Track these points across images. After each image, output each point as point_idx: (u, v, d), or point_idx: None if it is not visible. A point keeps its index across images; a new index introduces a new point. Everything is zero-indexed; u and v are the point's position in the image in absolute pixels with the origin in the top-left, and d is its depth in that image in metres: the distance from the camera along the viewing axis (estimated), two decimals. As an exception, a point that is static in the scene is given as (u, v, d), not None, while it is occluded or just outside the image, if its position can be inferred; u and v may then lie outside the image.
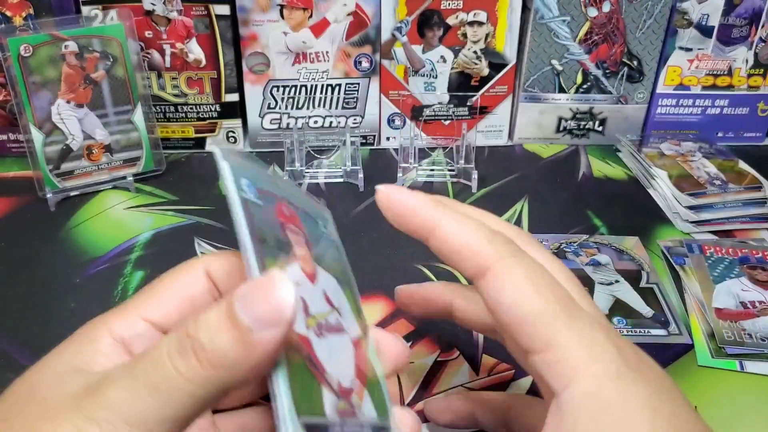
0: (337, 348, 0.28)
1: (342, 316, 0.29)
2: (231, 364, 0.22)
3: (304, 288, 0.27)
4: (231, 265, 0.29)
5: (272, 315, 0.22)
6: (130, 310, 0.28)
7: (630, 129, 0.77)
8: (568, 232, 0.61)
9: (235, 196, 0.25)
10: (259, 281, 0.23)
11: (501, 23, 0.70)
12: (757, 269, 0.55)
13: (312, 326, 0.27)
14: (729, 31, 0.71)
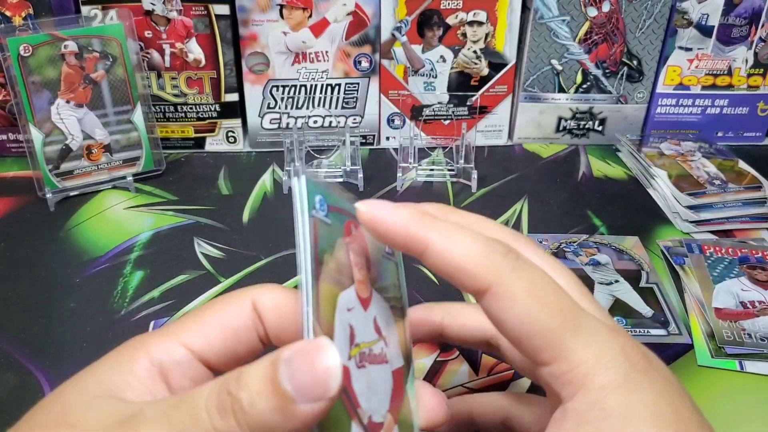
0: (375, 380, 0.28)
1: (388, 345, 0.29)
2: (268, 430, 0.22)
3: (356, 314, 0.28)
4: (280, 300, 0.28)
5: (317, 388, 0.22)
6: (170, 334, 0.27)
7: (630, 129, 0.77)
8: (567, 231, 0.61)
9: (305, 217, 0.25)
10: (307, 348, 0.23)
11: (501, 23, 0.70)
12: (756, 269, 0.55)
13: (354, 356, 0.27)
14: (729, 31, 0.71)
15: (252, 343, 0.28)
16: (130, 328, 0.49)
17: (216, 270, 0.55)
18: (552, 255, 0.32)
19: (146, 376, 0.26)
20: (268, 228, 0.61)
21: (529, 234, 0.60)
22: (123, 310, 0.51)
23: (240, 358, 0.28)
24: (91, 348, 0.47)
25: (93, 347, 0.47)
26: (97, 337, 0.48)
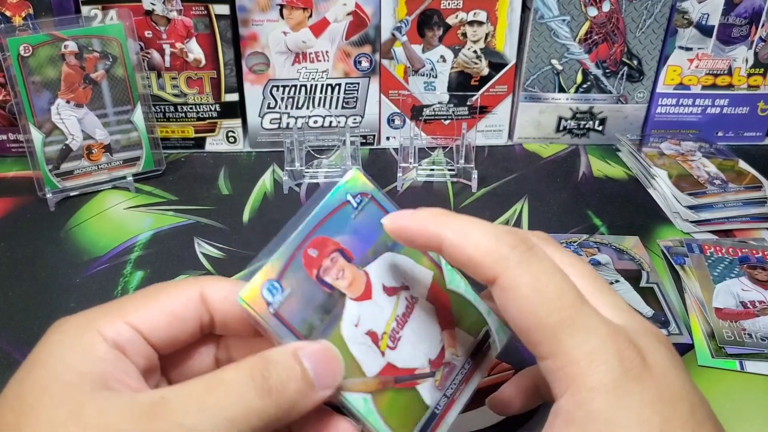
0: (418, 330, 0.33)
1: (410, 283, 0.34)
2: (292, 407, 0.27)
3: (365, 317, 0.32)
4: (229, 291, 0.30)
5: (330, 379, 0.28)
6: (117, 314, 0.29)
7: (630, 128, 0.77)
8: (568, 231, 0.61)
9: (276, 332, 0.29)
10: (324, 348, 0.29)
11: (501, 23, 0.70)
12: (757, 269, 0.55)
13: (386, 346, 0.32)
14: (729, 31, 0.71)
15: (193, 330, 0.30)
16: (131, 328, 0.49)
17: (216, 270, 0.55)
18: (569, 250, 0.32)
19: (113, 358, 0.27)
20: (268, 228, 0.61)
21: (529, 234, 0.60)
22: (123, 310, 0.51)
23: (179, 342, 0.30)
24: (92, 348, 0.47)
25: (93, 347, 0.47)
26: (97, 337, 0.48)
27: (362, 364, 0.31)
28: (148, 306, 0.29)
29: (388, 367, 0.32)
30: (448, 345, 0.34)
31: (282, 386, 0.27)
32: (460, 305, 0.35)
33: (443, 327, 0.34)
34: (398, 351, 0.32)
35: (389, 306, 0.33)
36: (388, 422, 0.31)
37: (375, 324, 0.32)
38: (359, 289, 0.33)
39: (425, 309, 0.34)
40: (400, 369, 0.32)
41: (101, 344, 0.27)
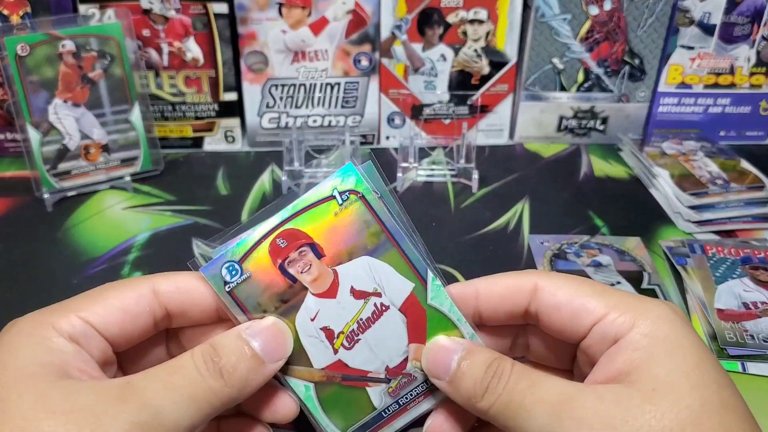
0: (380, 336, 0.34)
1: (385, 289, 0.34)
2: (246, 384, 0.30)
3: (324, 314, 0.33)
4: (181, 284, 0.33)
5: (280, 352, 0.32)
6: (70, 310, 0.30)
7: (631, 128, 0.76)
8: (569, 232, 0.60)
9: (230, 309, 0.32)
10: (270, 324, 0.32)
11: (501, 21, 0.70)
12: (759, 269, 0.54)
13: (340, 345, 0.34)
14: (731, 30, 0.71)
15: (146, 324, 0.32)
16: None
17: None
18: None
19: (72, 350, 0.29)
20: (267, 228, 0.61)
21: (530, 235, 0.60)
22: (121, 312, 0.50)
23: (134, 337, 0.32)
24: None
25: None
26: (94, 339, 0.48)
27: (311, 355, 0.34)
28: (99, 302, 0.31)
29: (338, 364, 0.34)
30: (413, 357, 0.34)
31: (232, 367, 0.30)
32: (437, 323, 0.34)
33: (411, 339, 0.34)
34: (353, 352, 0.34)
35: (353, 308, 0.34)
36: (327, 412, 0.34)
37: (333, 322, 0.34)
38: (323, 286, 0.33)
39: (394, 318, 0.34)
40: (351, 368, 0.34)
41: (57, 337, 0.29)
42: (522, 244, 0.59)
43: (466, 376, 0.31)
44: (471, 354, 0.32)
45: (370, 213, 0.33)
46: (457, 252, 0.58)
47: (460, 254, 0.57)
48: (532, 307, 0.33)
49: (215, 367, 0.29)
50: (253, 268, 0.32)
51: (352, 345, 0.34)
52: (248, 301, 0.33)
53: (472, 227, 0.61)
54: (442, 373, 0.32)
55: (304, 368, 0.34)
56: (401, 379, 0.34)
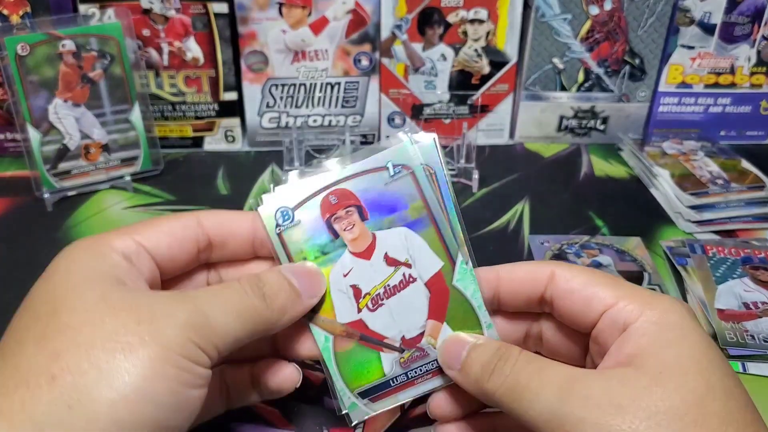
0: (402, 305, 0.36)
1: (416, 261, 0.36)
2: (284, 312, 0.34)
3: (356, 272, 0.36)
4: (224, 219, 0.36)
5: (315, 289, 0.35)
6: (124, 232, 0.34)
7: (632, 128, 0.76)
8: (569, 233, 0.60)
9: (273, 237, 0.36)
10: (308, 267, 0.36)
11: (502, 21, 0.70)
12: (759, 269, 0.54)
13: (365, 305, 0.36)
14: (731, 29, 0.71)
15: (190, 250, 0.35)
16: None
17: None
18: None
19: (126, 265, 0.32)
20: (268, 228, 0.60)
21: (530, 235, 0.60)
22: (121, 312, 0.50)
23: (178, 263, 0.35)
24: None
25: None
26: (94, 339, 0.48)
27: (336, 309, 0.36)
28: (150, 228, 0.34)
29: (359, 323, 0.36)
30: (429, 333, 0.36)
31: (274, 294, 0.33)
32: (458, 304, 0.36)
33: (431, 315, 0.37)
34: (375, 315, 0.36)
35: (384, 273, 0.36)
36: (340, 367, 0.36)
37: (363, 282, 0.36)
38: (361, 246, 0.36)
39: (419, 292, 0.37)
40: (370, 330, 0.36)
41: (113, 253, 0.32)
42: (522, 245, 0.59)
43: (475, 361, 0.33)
44: (481, 344, 0.34)
45: (416, 188, 0.36)
46: (458, 252, 0.58)
47: (460, 254, 0.57)
48: (548, 292, 0.34)
49: (259, 291, 0.33)
50: (303, 217, 0.36)
51: (375, 308, 0.36)
52: (293, 245, 0.36)
53: (472, 227, 0.61)
54: (454, 363, 0.34)
55: (327, 319, 0.36)
56: (414, 352, 0.36)
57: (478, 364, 0.33)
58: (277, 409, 0.42)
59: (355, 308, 0.36)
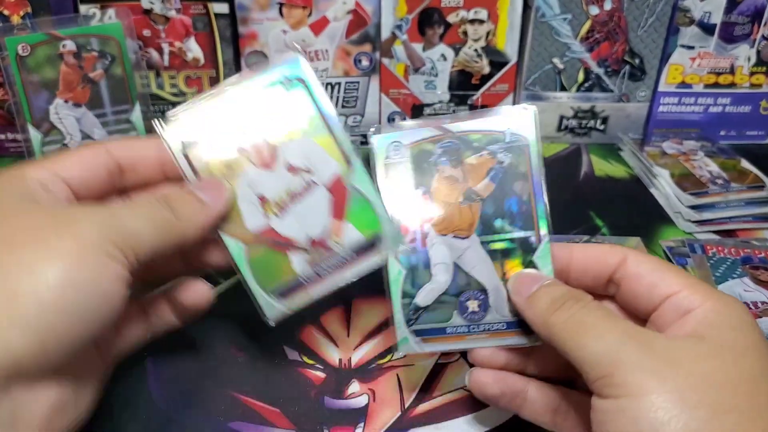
0: (306, 209, 0.40)
1: (315, 169, 0.40)
2: (193, 223, 0.36)
3: (260, 182, 0.39)
4: (132, 144, 0.40)
5: (220, 198, 0.38)
6: (38, 164, 0.36)
7: (632, 127, 0.76)
8: (569, 232, 0.60)
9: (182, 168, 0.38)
10: (210, 179, 0.38)
11: (502, 21, 0.70)
12: (759, 269, 0.54)
13: (271, 212, 0.39)
14: (731, 29, 0.71)
15: (101, 176, 0.38)
16: (129, 330, 0.49)
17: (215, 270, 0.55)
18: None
19: (43, 192, 0.34)
20: (268, 228, 0.61)
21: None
22: (122, 312, 0.51)
23: (91, 187, 0.37)
24: (90, 350, 0.47)
25: (91, 349, 0.47)
26: (95, 339, 0.48)
27: (246, 219, 0.39)
28: (62, 157, 0.37)
29: (268, 230, 0.39)
30: (333, 233, 0.40)
31: (181, 206, 0.36)
32: (358, 203, 0.39)
33: (334, 216, 0.40)
34: (282, 220, 0.39)
35: (287, 181, 0.39)
36: (254, 271, 0.39)
37: (268, 191, 0.39)
38: (264, 158, 0.39)
39: (321, 195, 0.40)
40: (278, 235, 0.39)
41: (28, 181, 0.34)
42: (522, 244, 0.59)
43: (546, 294, 0.35)
44: (554, 283, 0.36)
45: (311, 99, 0.39)
46: (458, 252, 0.58)
47: (460, 254, 0.57)
48: (617, 274, 0.36)
49: (167, 206, 0.35)
50: (206, 136, 0.39)
51: (281, 214, 0.39)
52: (198, 163, 0.39)
53: (472, 227, 0.61)
54: (524, 291, 0.36)
55: (238, 228, 0.39)
56: (321, 251, 0.39)
57: (549, 297, 0.34)
58: (278, 408, 0.43)
59: (263, 215, 0.39)
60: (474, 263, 0.38)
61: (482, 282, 0.38)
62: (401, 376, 0.45)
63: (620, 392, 0.28)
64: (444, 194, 0.38)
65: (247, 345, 0.47)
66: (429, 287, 0.39)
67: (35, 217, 0.31)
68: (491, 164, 0.38)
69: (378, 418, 0.42)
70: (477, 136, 0.38)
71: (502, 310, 0.38)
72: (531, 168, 0.38)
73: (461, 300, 0.38)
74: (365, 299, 0.52)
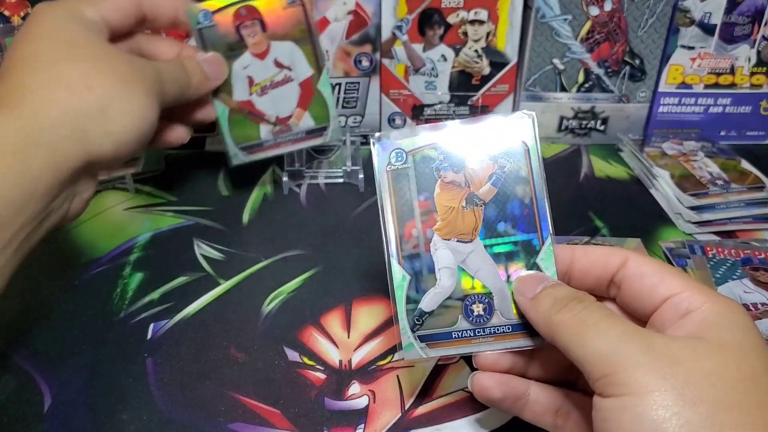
0: (281, 95, 0.58)
1: (294, 68, 0.58)
2: (196, 86, 0.51)
3: (253, 67, 0.56)
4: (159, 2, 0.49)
5: (219, 75, 0.54)
6: (90, 5, 0.43)
7: (632, 128, 0.76)
8: (569, 234, 0.60)
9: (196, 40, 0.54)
10: (214, 56, 0.54)
11: (502, 22, 0.70)
12: (759, 270, 0.54)
13: (255, 91, 0.57)
14: (731, 29, 0.71)
15: (131, 24, 0.47)
16: (130, 331, 0.49)
17: (215, 272, 0.55)
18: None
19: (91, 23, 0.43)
20: (268, 229, 0.61)
21: (530, 235, 0.60)
22: (122, 312, 0.51)
23: (120, 30, 0.46)
24: (91, 350, 0.47)
25: (92, 349, 0.47)
26: (96, 340, 0.48)
27: (234, 91, 0.57)
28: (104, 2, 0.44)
29: (248, 103, 0.58)
30: (295, 117, 0.59)
31: (192, 74, 0.50)
32: (318, 100, 0.59)
33: (298, 105, 0.59)
34: (261, 99, 0.58)
35: (272, 71, 0.57)
36: (231, 130, 0.58)
37: (256, 75, 0.57)
38: (259, 50, 0.56)
39: (293, 88, 0.58)
40: (255, 108, 0.58)
41: (88, 18, 0.42)
42: (522, 245, 0.59)
43: (549, 295, 0.35)
44: (558, 284, 0.36)
45: (304, 16, 0.56)
46: (458, 253, 0.58)
47: (460, 255, 0.57)
48: (618, 275, 0.36)
49: (184, 71, 0.49)
50: (219, 21, 0.54)
51: (261, 95, 0.57)
52: (209, 40, 0.54)
53: (472, 228, 0.61)
54: (528, 292, 0.36)
55: (227, 96, 0.57)
56: (283, 126, 0.59)
57: (552, 298, 0.34)
58: (278, 409, 0.43)
59: (248, 92, 0.57)
60: (478, 266, 0.39)
61: (487, 285, 0.38)
62: (401, 378, 0.45)
63: (622, 390, 0.28)
64: (447, 199, 0.39)
65: (247, 346, 0.48)
66: (433, 292, 0.39)
67: (114, 56, 0.41)
68: (493, 169, 0.39)
69: (378, 419, 0.42)
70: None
71: (507, 312, 0.38)
72: (532, 171, 0.38)
73: (466, 303, 0.38)
74: (365, 301, 0.52)
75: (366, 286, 0.54)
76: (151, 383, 0.44)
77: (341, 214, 0.63)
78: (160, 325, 0.49)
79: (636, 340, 0.30)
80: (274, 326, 0.49)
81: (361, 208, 0.64)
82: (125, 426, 0.41)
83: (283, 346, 0.48)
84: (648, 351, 0.29)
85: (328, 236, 0.60)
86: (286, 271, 0.55)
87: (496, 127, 0.39)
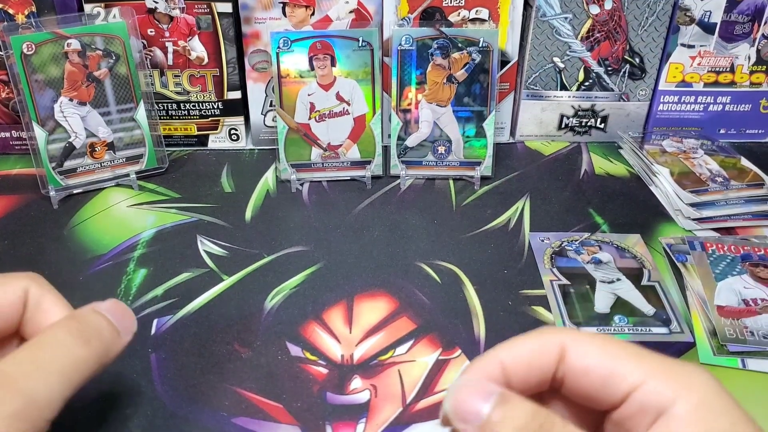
0: (336, 125, 0.65)
1: (352, 103, 0.65)
2: (108, 353, 0.35)
3: (317, 96, 0.64)
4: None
5: (130, 326, 0.37)
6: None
7: (632, 126, 0.77)
8: (569, 230, 0.61)
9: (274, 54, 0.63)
10: (114, 303, 0.37)
11: (503, 20, 0.70)
12: (759, 266, 0.55)
13: (314, 117, 0.65)
14: (731, 28, 0.71)
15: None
16: (134, 326, 0.49)
17: (219, 268, 0.55)
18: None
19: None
20: (271, 226, 0.61)
21: (531, 232, 0.60)
22: (126, 308, 0.51)
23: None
24: (95, 346, 0.47)
25: (97, 345, 0.48)
26: (100, 335, 0.48)
27: (297, 112, 0.65)
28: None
29: (306, 126, 0.65)
30: (344, 147, 0.66)
31: (98, 334, 0.34)
32: (367, 136, 0.66)
33: (350, 137, 0.66)
34: (318, 125, 0.65)
35: (332, 102, 0.64)
36: (286, 147, 0.65)
37: (318, 103, 0.64)
38: (326, 81, 0.64)
39: (348, 121, 0.65)
40: (311, 132, 0.65)
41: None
42: (523, 242, 0.59)
43: (507, 426, 0.27)
44: (508, 401, 0.28)
45: (370, 58, 0.64)
46: (459, 249, 0.58)
47: (461, 252, 0.58)
48: (559, 372, 0.30)
49: (81, 336, 0.33)
50: (297, 49, 0.63)
51: (319, 121, 0.65)
52: (285, 65, 0.63)
53: (473, 225, 0.62)
54: (471, 417, 0.27)
55: (289, 116, 0.64)
56: (332, 153, 0.66)
57: (511, 429, 0.27)
58: (281, 404, 0.43)
59: (307, 116, 0.64)
60: (446, 123, 0.65)
61: (450, 136, 0.65)
62: (403, 372, 0.46)
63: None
64: (434, 76, 0.63)
65: (250, 341, 0.48)
66: (415, 135, 0.66)
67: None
68: (467, 60, 0.63)
69: (380, 413, 0.43)
70: (461, 40, 0.63)
71: (458, 154, 0.66)
72: (492, 66, 0.61)
73: (435, 145, 0.66)
74: (367, 296, 0.52)
75: (367, 281, 0.54)
76: (155, 378, 0.45)
77: (343, 211, 0.63)
78: (164, 321, 0.50)
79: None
80: (276, 322, 0.50)
81: (363, 206, 0.64)
82: (129, 420, 0.42)
83: (285, 341, 0.48)
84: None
85: (330, 233, 0.60)
86: (288, 267, 0.56)
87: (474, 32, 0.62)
